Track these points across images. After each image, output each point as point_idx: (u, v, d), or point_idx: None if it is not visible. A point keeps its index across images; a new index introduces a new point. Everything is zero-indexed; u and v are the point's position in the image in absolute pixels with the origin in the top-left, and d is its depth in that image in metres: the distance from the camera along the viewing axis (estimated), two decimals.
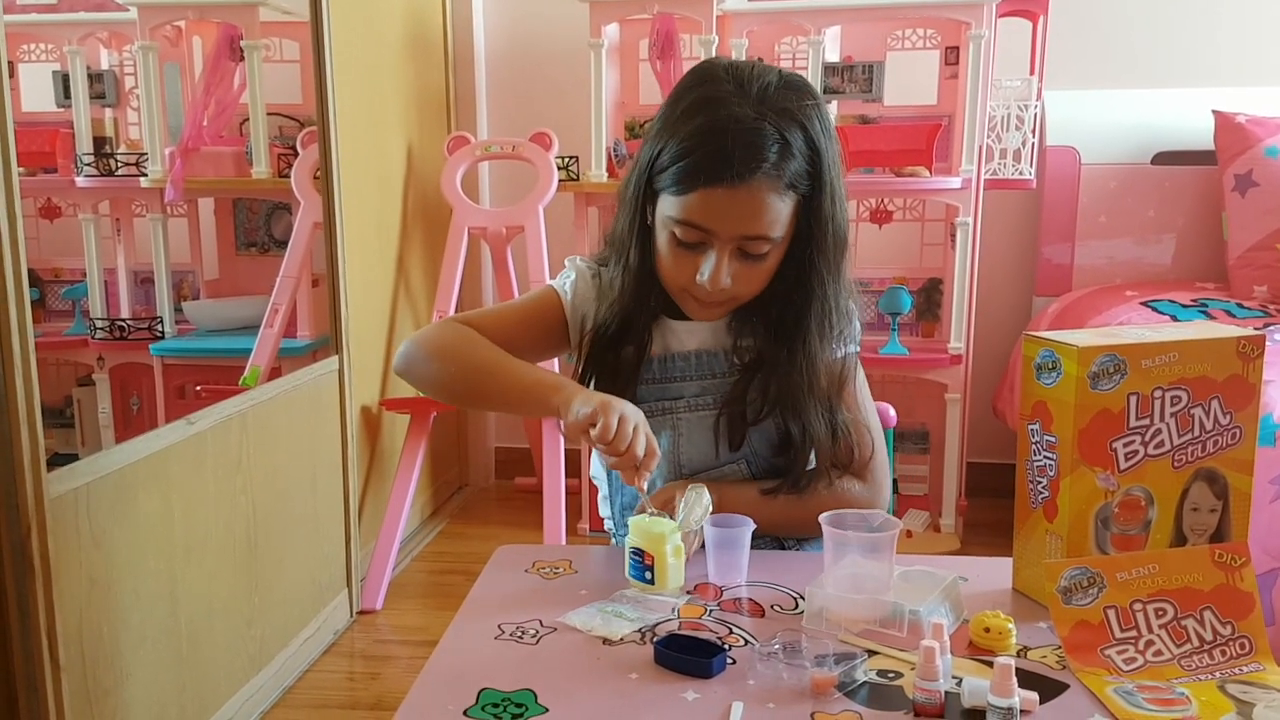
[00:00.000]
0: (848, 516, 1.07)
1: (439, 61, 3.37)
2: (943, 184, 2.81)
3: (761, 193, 1.13)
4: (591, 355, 1.31)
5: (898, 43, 3.02)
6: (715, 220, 1.15)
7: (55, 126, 2.44)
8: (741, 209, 1.14)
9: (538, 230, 2.96)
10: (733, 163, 1.12)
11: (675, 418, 1.29)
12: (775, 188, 1.14)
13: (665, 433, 1.29)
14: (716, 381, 1.29)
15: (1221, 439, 1.06)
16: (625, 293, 1.27)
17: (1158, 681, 0.93)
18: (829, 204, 1.18)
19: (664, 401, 1.29)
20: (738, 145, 1.12)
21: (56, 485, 1.54)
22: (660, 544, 1.09)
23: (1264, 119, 2.87)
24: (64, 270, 2.53)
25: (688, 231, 1.17)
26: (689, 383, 1.30)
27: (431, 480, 3.35)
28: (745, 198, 1.13)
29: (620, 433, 1.09)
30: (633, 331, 1.28)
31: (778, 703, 0.89)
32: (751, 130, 1.12)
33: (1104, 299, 2.89)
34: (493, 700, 0.90)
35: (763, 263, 1.19)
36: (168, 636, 1.84)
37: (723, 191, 1.13)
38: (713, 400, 1.29)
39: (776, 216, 1.15)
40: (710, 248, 1.17)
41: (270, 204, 2.73)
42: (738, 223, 1.15)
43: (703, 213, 1.15)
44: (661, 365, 1.30)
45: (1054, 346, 1.03)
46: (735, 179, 1.12)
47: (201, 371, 2.52)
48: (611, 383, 1.28)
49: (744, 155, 1.12)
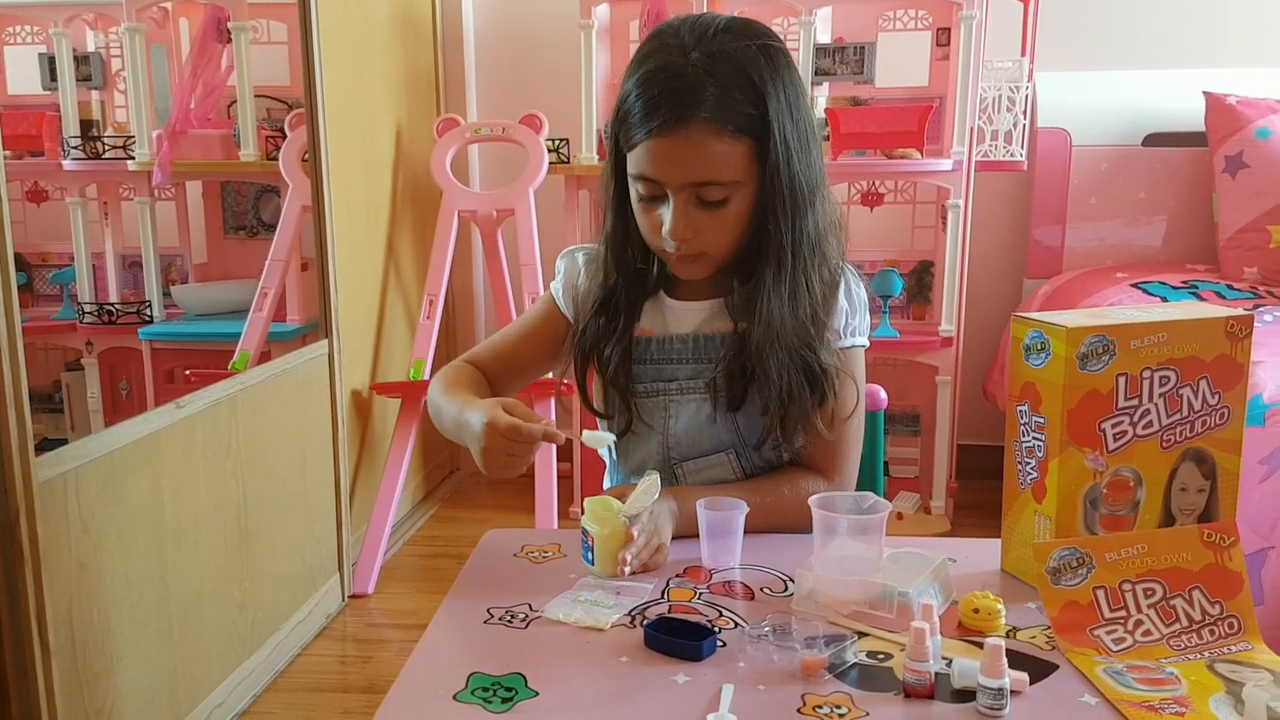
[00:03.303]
0: (837, 499, 1.07)
1: (428, 43, 3.35)
2: (934, 166, 2.81)
3: (699, 136, 1.13)
4: (584, 327, 1.30)
5: (889, 24, 3.01)
6: (662, 169, 1.15)
7: (41, 109, 2.43)
8: (683, 154, 1.14)
9: (528, 213, 2.95)
10: (666, 109, 1.12)
11: (667, 399, 1.29)
12: (715, 131, 1.13)
13: (657, 415, 1.29)
14: (710, 366, 1.27)
15: (1210, 419, 1.06)
16: (610, 257, 1.27)
17: (1147, 661, 0.93)
18: (778, 148, 1.16)
19: (658, 383, 1.29)
20: (670, 92, 1.12)
21: (45, 470, 1.54)
22: (602, 526, 1.10)
23: (1255, 100, 2.87)
24: (51, 254, 2.52)
25: (645, 185, 1.18)
26: (683, 365, 1.29)
27: (423, 464, 3.35)
28: (684, 143, 1.13)
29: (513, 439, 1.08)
30: (618, 300, 1.27)
31: (768, 685, 0.89)
32: (683, 76, 1.13)
33: (1095, 281, 2.89)
34: (482, 684, 0.90)
35: (723, 210, 1.17)
36: (158, 621, 1.84)
37: (664, 140, 1.13)
38: (705, 384, 1.27)
39: (722, 161, 1.14)
40: (665, 199, 1.17)
41: (258, 187, 2.72)
42: (682, 169, 1.14)
43: (650, 163, 1.16)
44: (660, 346, 1.29)
45: (1043, 327, 1.03)
46: (672, 125, 1.12)
47: (190, 356, 2.51)
48: (602, 355, 1.28)
49: (675, 101, 1.12)
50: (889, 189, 3.19)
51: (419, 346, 2.92)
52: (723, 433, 1.28)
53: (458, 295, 3.52)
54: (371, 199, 2.98)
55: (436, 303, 2.93)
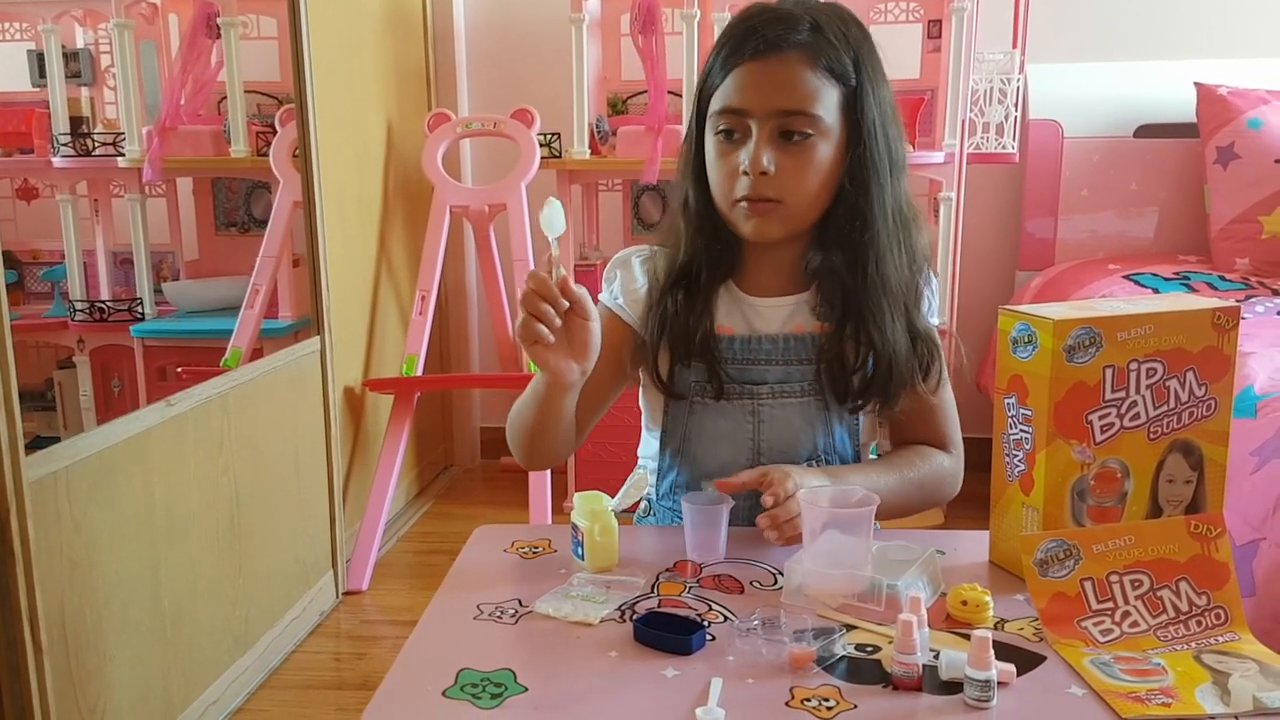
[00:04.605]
0: (825, 492, 1.07)
1: (418, 37, 3.34)
2: (926, 159, 2.80)
3: (793, 63, 1.13)
4: (660, 313, 1.23)
5: (880, 16, 3.00)
6: (750, 95, 1.14)
7: (31, 106, 2.42)
8: (774, 78, 1.13)
9: (520, 208, 2.94)
10: (761, 37, 1.12)
11: (757, 403, 1.24)
12: (808, 62, 1.13)
13: (746, 418, 1.24)
14: (802, 368, 1.23)
15: (1197, 410, 1.06)
16: (689, 233, 1.23)
17: (1134, 652, 0.93)
18: (872, 108, 1.16)
19: (746, 385, 1.24)
20: (767, 21, 1.13)
21: (36, 468, 1.53)
22: (591, 522, 1.10)
23: (1245, 91, 2.87)
24: (42, 252, 2.51)
25: (728, 119, 1.15)
26: (774, 367, 1.24)
27: (417, 460, 3.35)
28: (777, 66, 1.13)
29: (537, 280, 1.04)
30: (702, 279, 1.23)
31: (757, 678, 0.89)
32: (785, 14, 1.14)
33: (1086, 273, 2.89)
34: (472, 680, 0.90)
35: (806, 151, 1.15)
36: (151, 619, 1.84)
37: (754, 65, 1.13)
38: (798, 388, 1.23)
39: (812, 94, 1.13)
40: (747, 133, 1.15)
41: (249, 183, 2.71)
42: (771, 94, 1.13)
43: (737, 92, 1.14)
44: (745, 346, 1.24)
45: (1029, 320, 1.03)
46: (766, 50, 1.12)
47: (182, 353, 2.51)
48: (684, 340, 1.22)
49: (773, 29, 1.13)
50: None
51: (411, 342, 2.91)
52: (815, 436, 1.25)
53: (450, 291, 3.51)
54: (363, 194, 2.98)
55: (429, 298, 2.93)
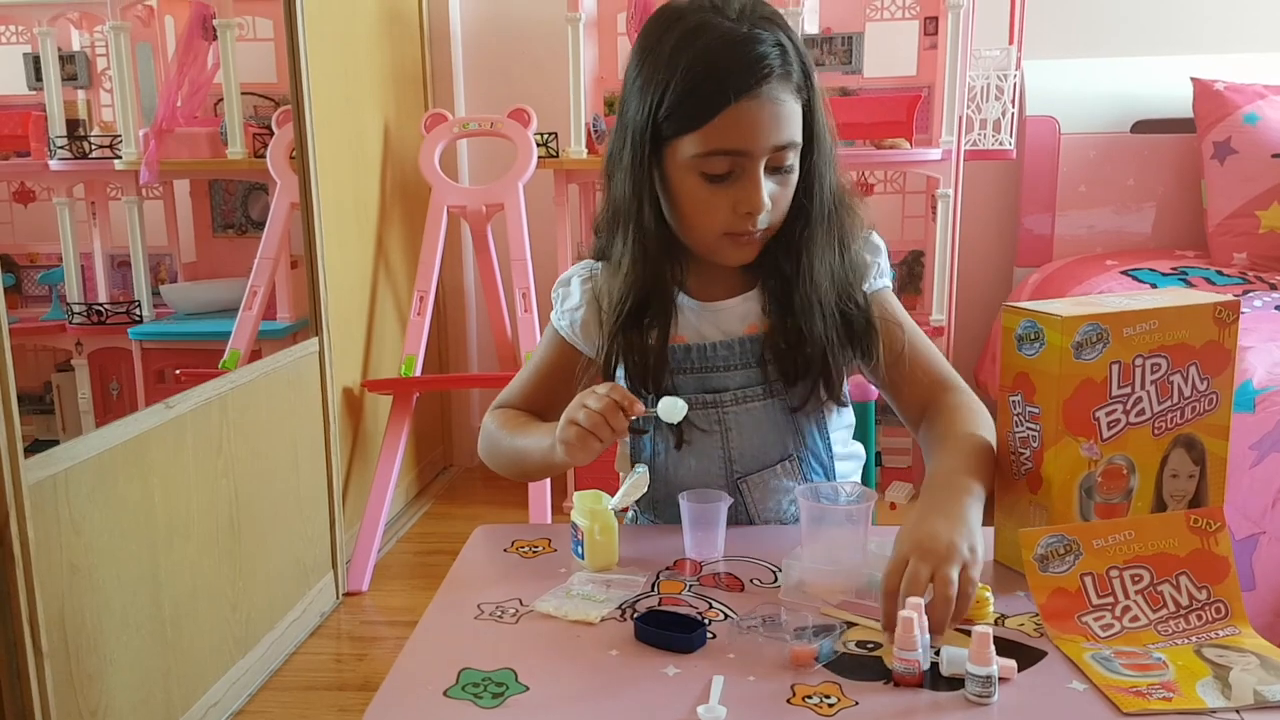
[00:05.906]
0: (823, 488, 1.07)
1: (415, 37, 3.34)
2: (923, 156, 2.81)
3: (779, 95, 1.12)
4: (614, 343, 1.21)
5: (876, 13, 3.00)
6: (746, 137, 1.12)
7: (27, 109, 2.42)
8: (767, 117, 1.11)
9: (518, 208, 2.94)
10: (745, 74, 1.10)
11: (722, 411, 1.22)
12: (788, 89, 1.13)
13: (713, 428, 1.23)
14: (762, 370, 1.22)
15: (1199, 405, 1.06)
16: (641, 260, 1.19)
17: (1134, 647, 0.93)
18: (819, 107, 1.17)
19: (706, 394, 1.22)
20: (743, 56, 1.11)
21: (35, 471, 1.53)
22: (591, 521, 1.10)
23: (1242, 86, 2.87)
24: (39, 255, 2.51)
25: (718, 161, 1.13)
26: (733, 372, 1.22)
27: (416, 461, 3.35)
28: (768, 104, 1.11)
29: (591, 410, 1.08)
30: (655, 304, 1.20)
31: (758, 676, 0.89)
32: (750, 39, 1.11)
33: (1084, 269, 2.90)
34: (473, 680, 0.89)
35: (790, 176, 1.16)
36: (151, 621, 1.84)
37: (745, 105, 1.10)
38: (761, 391, 1.22)
39: (794, 121, 1.14)
40: (743, 173, 1.13)
41: (246, 185, 2.71)
42: (768, 133, 1.12)
43: (734, 133, 1.11)
44: (701, 354, 1.23)
45: (1036, 317, 1.03)
46: (754, 88, 1.10)
47: (181, 355, 2.50)
48: (641, 367, 1.20)
49: (752, 64, 1.10)
50: (878, 179, 3.19)
51: (410, 343, 2.91)
52: (785, 437, 1.24)
53: (448, 291, 3.51)
54: (360, 195, 2.98)
55: (427, 299, 2.93)
